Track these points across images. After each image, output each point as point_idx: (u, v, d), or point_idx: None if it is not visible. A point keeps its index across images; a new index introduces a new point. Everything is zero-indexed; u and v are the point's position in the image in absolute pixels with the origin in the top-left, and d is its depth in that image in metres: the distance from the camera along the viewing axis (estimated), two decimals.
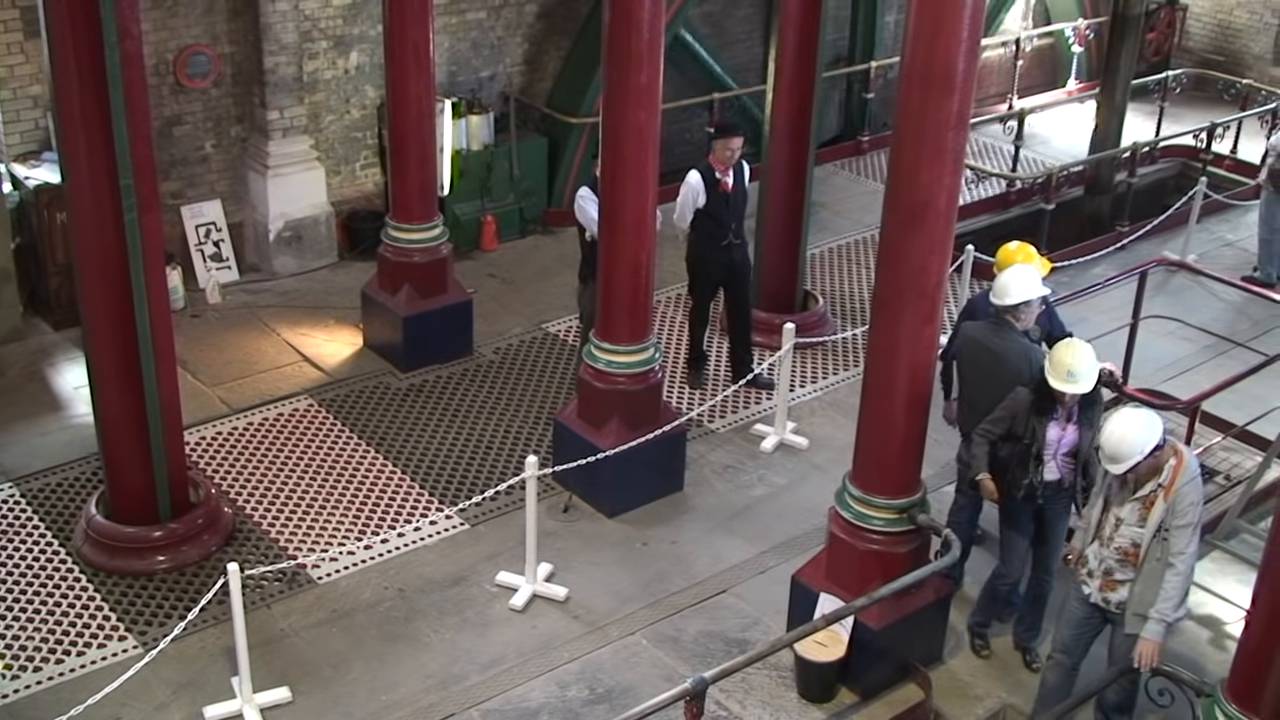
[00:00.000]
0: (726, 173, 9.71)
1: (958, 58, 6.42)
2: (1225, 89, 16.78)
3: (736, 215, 9.88)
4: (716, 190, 9.70)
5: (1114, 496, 6.71)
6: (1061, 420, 7.29)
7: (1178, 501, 6.48)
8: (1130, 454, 6.39)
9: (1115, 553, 6.69)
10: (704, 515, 9.02)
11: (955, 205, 6.89)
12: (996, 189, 14.25)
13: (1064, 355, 7.09)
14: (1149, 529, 6.53)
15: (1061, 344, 7.21)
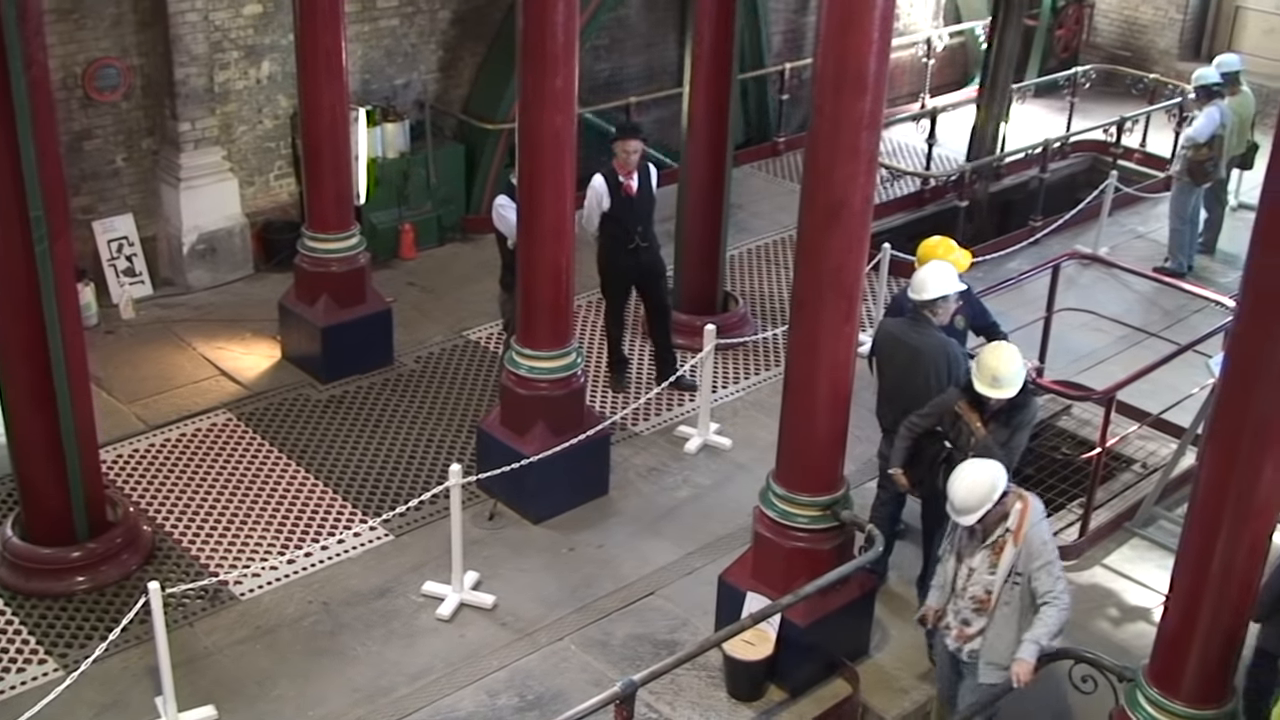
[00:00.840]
0: (630, 176, 9.65)
1: (869, 58, 6.48)
2: (1133, 84, 17.06)
3: (642, 218, 9.81)
4: (620, 194, 9.64)
5: (964, 549, 6.64)
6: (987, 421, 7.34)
7: (1029, 544, 6.46)
8: (980, 504, 6.34)
9: (970, 602, 6.63)
10: (630, 518, 9.02)
11: (871, 204, 6.96)
12: (911, 187, 14.39)
13: (990, 360, 7.15)
14: (1000, 575, 6.49)
15: (989, 348, 7.28)
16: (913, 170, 14.70)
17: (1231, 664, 6.23)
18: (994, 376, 7.13)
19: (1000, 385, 7.14)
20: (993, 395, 7.17)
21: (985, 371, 7.15)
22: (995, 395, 7.16)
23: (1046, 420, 10.30)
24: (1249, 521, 5.86)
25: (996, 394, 7.16)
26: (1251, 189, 13.08)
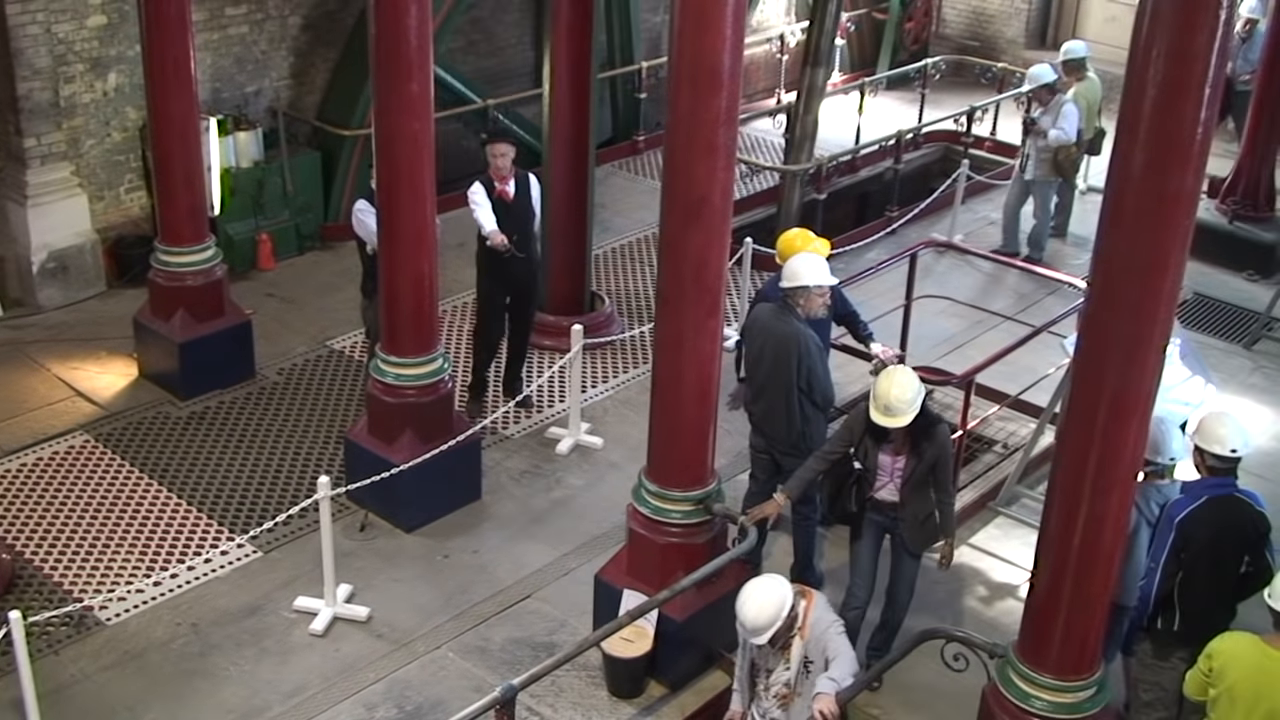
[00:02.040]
0: (505, 182, 9.51)
1: (723, 55, 6.54)
2: (982, 73, 17.45)
3: (519, 225, 9.62)
4: (495, 199, 9.52)
5: (758, 657, 6.46)
6: (895, 447, 7.25)
7: (814, 632, 6.30)
8: (770, 624, 6.14)
9: (775, 700, 6.49)
10: (504, 522, 8.99)
11: (730, 199, 7.04)
12: (770, 181, 14.51)
13: (883, 387, 7.01)
14: (794, 667, 6.38)
15: (884, 374, 7.11)
16: (771, 165, 14.84)
17: (1098, 635, 6.40)
18: (886, 405, 6.96)
19: (893, 413, 6.97)
20: (884, 423, 7.00)
21: (878, 399, 6.99)
22: (886, 423, 6.99)
23: None
24: (1108, 495, 6.02)
25: (888, 422, 6.99)
26: (1098, 173, 13.47)
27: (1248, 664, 5.89)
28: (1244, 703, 5.89)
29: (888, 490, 7.34)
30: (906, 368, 7.27)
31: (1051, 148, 12.64)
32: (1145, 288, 5.63)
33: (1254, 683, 5.87)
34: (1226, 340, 11.79)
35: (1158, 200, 5.49)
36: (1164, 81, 5.32)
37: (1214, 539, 6.57)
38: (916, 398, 6.99)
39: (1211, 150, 5.63)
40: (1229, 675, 5.92)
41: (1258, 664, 5.87)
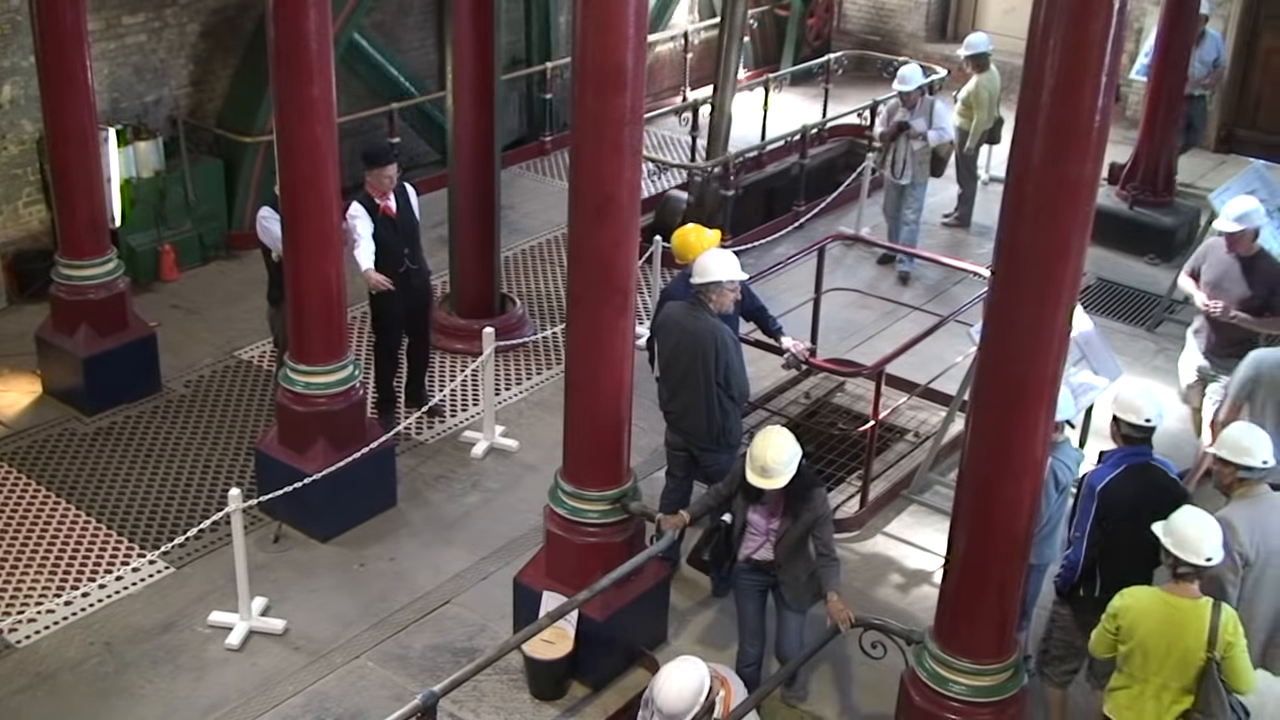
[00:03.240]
0: (386, 197, 9.31)
1: (626, 54, 6.54)
2: (884, 67, 17.58)
3: (409, 240, 9.47)
4: (379, 216, 9.29)
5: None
6: (769, 508, 7.03)
7: None
8: (688, 709, 5.90)
9: None
10: (420, 528, 8.92)
11: (638, 198, 7.05)
12: (678, 179, 14.56)
13: (759, 448, 6.75)
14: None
15: (760, 435, 6.86)
16: (678, 163, 14.89)
17: (1012, 618, 6.50)
18: (763, 466, 6.70)
19: (769, 475, 6.70)
20: (760, 485, 6.73)
21: (754, 460, 6.73)
22: (763, 485, 6.72)
23: (822, 398, 10.59)
24: (1017, 479, 6.12)
25: (764, 484, 6.72)
26: (1000, 163, 13.67)
27: (1155, 617, 6.05)
28: (1157, 654, 6.06)
29: (764, 550, 7.09)
30: (783, 429, 6.94)
31: (930, 149, 12.47)
32: (1047, 275, 5.72)
33: (1164, 633, 6.04)
34: (1130, 324, 12.02)
35: (1058, 188, 5.59)
36: (1061, 71, 5.41)
37: (1133, 506, 6.73)
38: (793, 459, 6.73)
39: (1110, 137, 5.74)
40: (1138, 630, 6.08)
41: (1164, 615, 6.05)
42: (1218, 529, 6.10)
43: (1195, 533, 6.02)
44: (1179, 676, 6.06)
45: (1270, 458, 6.71)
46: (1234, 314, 8.97)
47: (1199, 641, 5.99)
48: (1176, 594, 6.06)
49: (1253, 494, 6.69)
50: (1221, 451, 6.69)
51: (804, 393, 10.64)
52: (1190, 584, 6.05)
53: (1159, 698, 6.13)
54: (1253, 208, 9.03)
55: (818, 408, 10.54)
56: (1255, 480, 6.69)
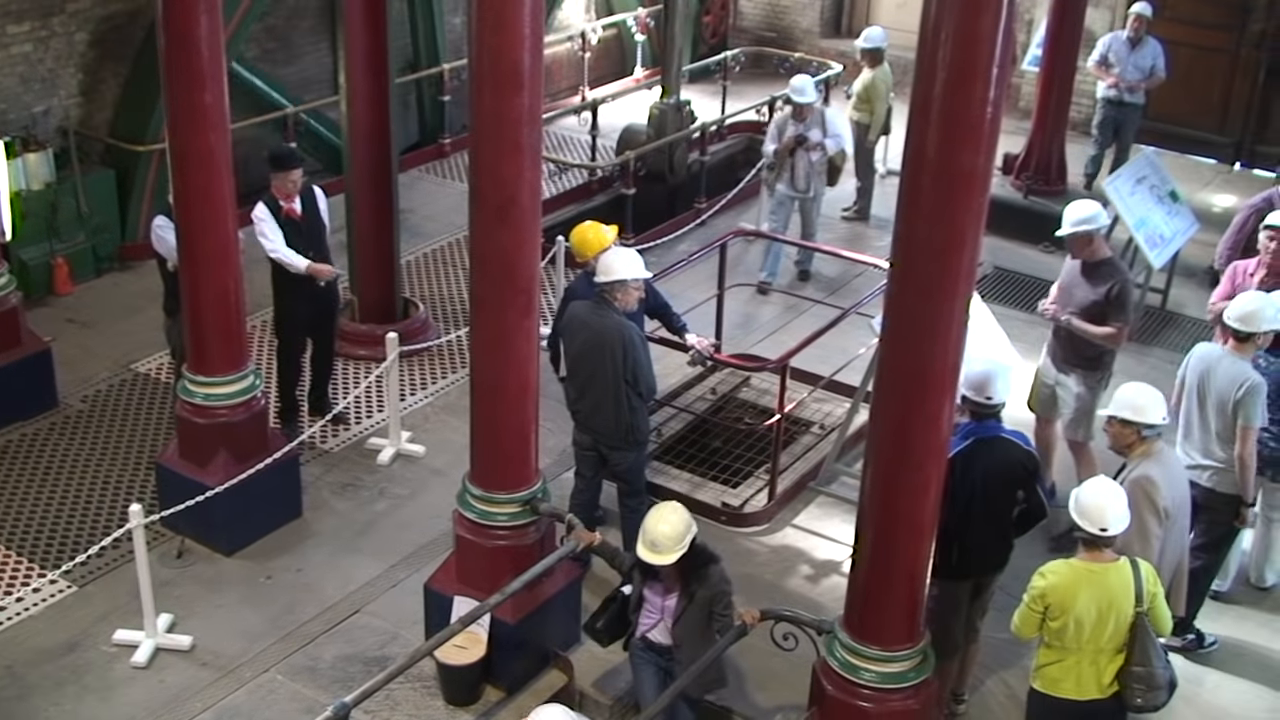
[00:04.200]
0: (291, 200, 9.21)
1: (523, 54, 6.52)
2: (780, 63, 17.75)
3: (313, 242, 9.36)
4: (283, 219, 9.20)
5: None
6: (665, 584, 6.72)
7: None
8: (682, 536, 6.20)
9: None
10: (327, 538, 8.83)
11: (539, 199, 7.02)
12: (580, 179, 14.57)
13: (651, 522, 6.49)
14: None
15: (653, 510, 6.59)
16: (579, 162, 14.90)
17: (920, 604, 6.59)
18: (653, 540, 6.43)
19: (659, 550, 6.42)
20: (650, 560, 6.44)
21: (646, 534, 6.45)
22: (652, 560, 6.43)
23: (728, 393, 10.65)
24: (921, 467, 6.20)
25: (656, 559, 6.42)
26: (897, 156, 13.84)
27: (1084, 588, 6.20)
28: (1090, 622, 6.22)
29: (660, 630, 6.81)
30: (677, 504, 6.63)
31: (828, 158, 12.40)
32: (944, 265, 5.81)
33: (1094, 601, 6.19)
34: (1027, 311, 12.20)
35: (952, 180, 5.67)
36: (953, 64, 5.49)
37: (984, 477, 6.97)
38: (685, 535, 6.45)
39: (1003, 128, 5.83)
40: (1070, 605, 6.21)
41: (1090, 583, 6.20)
42: (1122, 500, 6.28)
43: (1097, 502, 6.22)
44: (1114, 638, 6.27)
45: (1166, 413, 6.95)
46: (1065, 317, 8.69)
47: (1130, 601, 6.21)
48: (1095, 561, 6.24)
49: (1154, 451, 6.93)
50: (1124, 413, 6.88)
51: (710, 388, 10.68)
52: (1103, 550, 6.23)
53: (1095, 663, 6.33)
54: (1092, 211, 8.66)
55: (724, 403, 10.60)
56: (1155, 438, 6.92)
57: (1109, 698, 6.36)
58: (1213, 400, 7.78)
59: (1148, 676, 6.27)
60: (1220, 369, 7.77)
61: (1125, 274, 8.76)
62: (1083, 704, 6.38)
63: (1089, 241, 8.61)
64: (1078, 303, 8.66)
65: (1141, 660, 6.25)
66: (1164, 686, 6.33)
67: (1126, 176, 11.98)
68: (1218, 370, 7.78)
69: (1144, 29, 13.71)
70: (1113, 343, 8.65)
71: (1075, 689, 6.36)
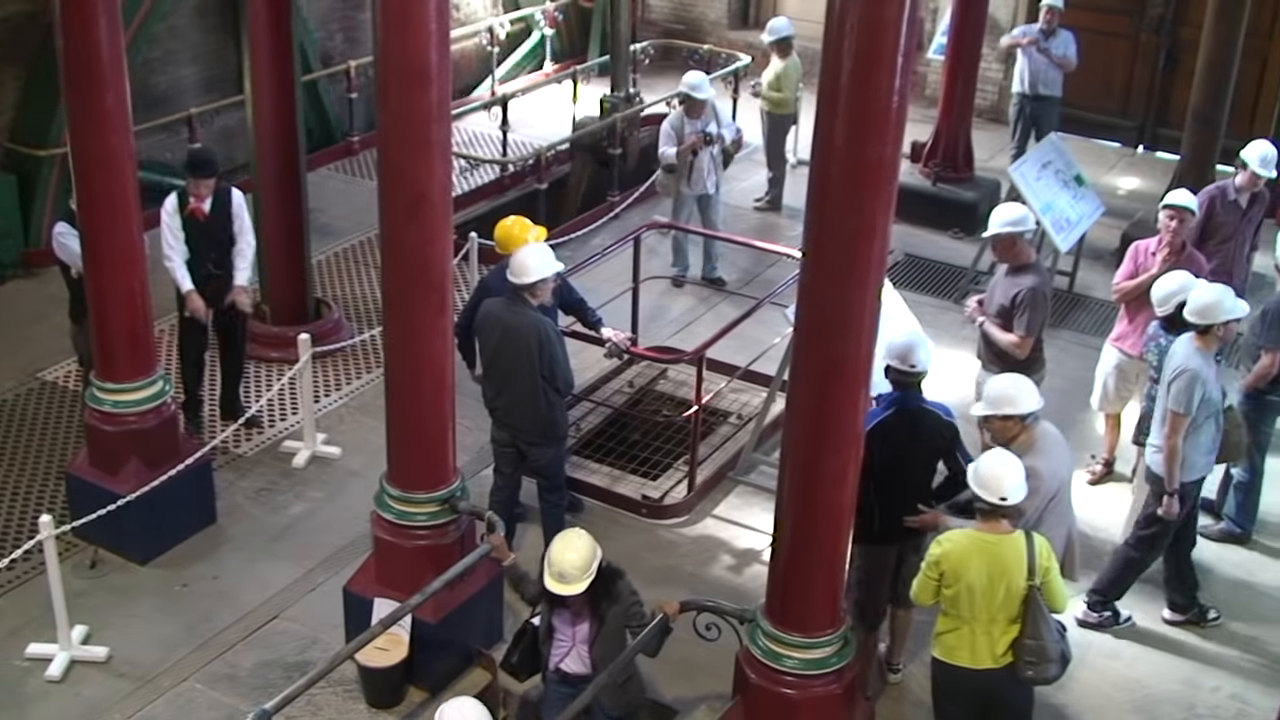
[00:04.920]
0: (203, 200, 9.08)
1: (429, 50, 6.47)
2: (689, 56, 17.77)
3: (217, 245, 9.21)
4: (188, 216, 9.06)
5: None
6: (573, 611, 6.54)
7: None
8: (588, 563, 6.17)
9: None
10: (243, 544, 8.71)
11: (450, 195, 6.99)
12: (491, 175, 14.49)
13: (556, 552, 6.33)
14: None
15: (557, 538, 6.47)
16: (489, 158, 14.82)
17: (839, 590, 6.64)
18: (560, 572, 6.26)
19: (567, 581, 6.26)
20: (557, 591, 6.28)
21: (552, 565, 6.29)
22: (560, 591, 6.28)
23: (645, 386, 10.66)
24: (838, 454, 6.25)
25: (565, 590, 6.26)
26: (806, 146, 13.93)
27: (977, 557, 6.32)
28: (982, 590, 6.33)
29: (573, 659, 6.61)
30: (583, 532, 6.48)
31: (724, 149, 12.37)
32: (855, 254, 5.85)
33: (986, 570, 6.31)
34: (938, 297, 12.36)
35: (861, 169, 5.71)
36: (859, 53, 5.52)
37: (905, 446, 7.15)
38: (592, 561, 6.31)
39: (911, 116, 5.88)
40: (964, 572, 6.32)
41: (986, 553, 6.32)
42: (1019, 470, 6.39)
43: (995, 472, 6.34)
44: (1006, 609, 6.37)
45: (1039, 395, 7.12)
46: (980, 320, 8.76)
47: (1021, 573, 6.31)
48: (990, 531, 6.35)
49: (1036, 436, 7.04)
50: (1004, 409, 6.99)
51: (627, 382, 10.69)
52: (999, 520, 6.35)
53: (989, 632, 6.43)
54: (1017, 214, 8.70)
55: (641, 396, 10.62)
56: (1035, 423, 7.06)
57: (1003, 668, 6.49)
58: (1161, 384, 7.94)
59: (1039, 649, 6.39)
60: (1173, 356, 7.88)
61: (1037, 284, 8.58)
62: (977, 672, 6.51)
63: (1012, 244, 8.65)
64: (995, 305, 8.73)
65: (1033, 633, 6.38)
66: (1055, 660, 6.46)
67: (1032, 162, 12.15)
68: (1172, 357, 7.89)
69: (1056, 21, 13.83)
70: (1015, 351, 8.58)
71: (970, 657, 6.49)
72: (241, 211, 9.37)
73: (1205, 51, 12.55)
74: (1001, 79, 17.03)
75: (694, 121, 12.09)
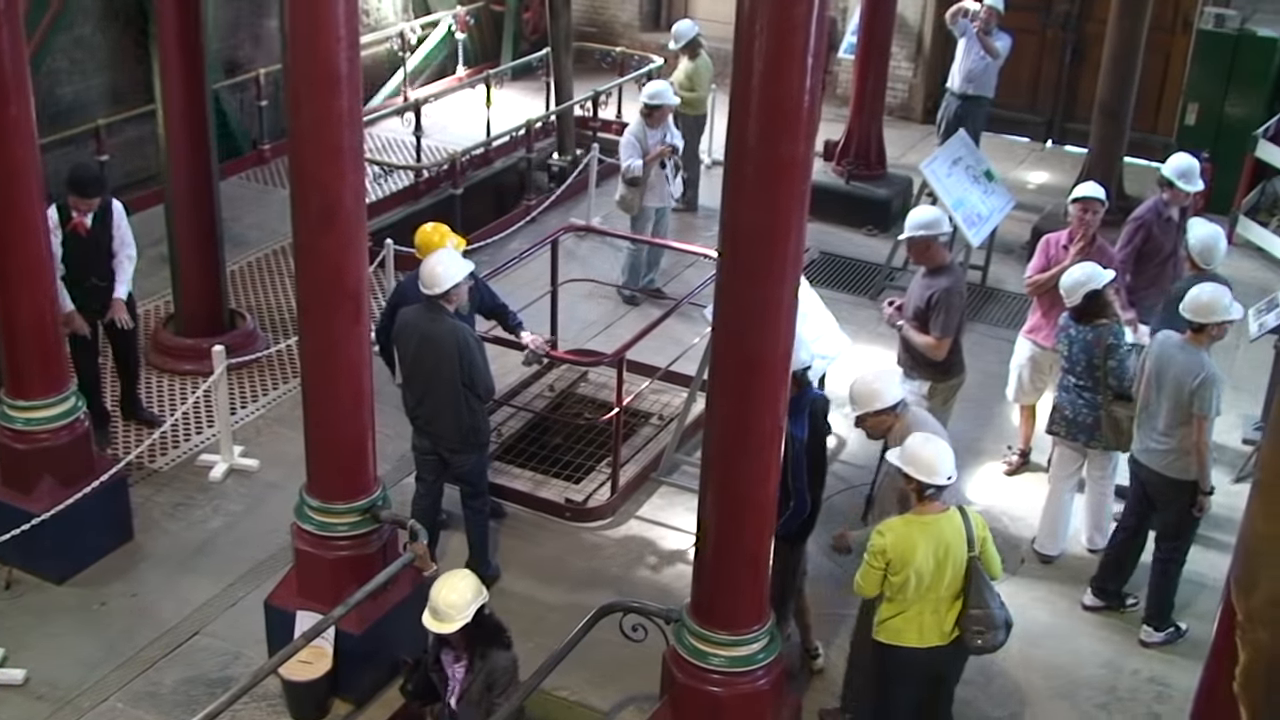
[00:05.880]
0: (84, 214, 8.95)
1: (339, 57, 6.41)
2: (602, 58, 17.81)
3: (100, 258, 9.09)
4: (69, 231, 8.93)
5: None
6: (456, 653, 6.42)
7: None
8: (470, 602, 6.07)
9: None
10: (162, 560, 8.59)
11: (363, 202, 6.93)
12: (406, 181, 14.40)
13: (436, 587, 6.19)
14: None
15: (444, 576, 6.28)
16: (404, 164, 14.74)
17: (764, 587, 6.67)
18: (434, 607, 6.13)
19: (440, 617, 6.10)
20: (434, 629, 6.13)
21: (431, 600, 6.17)
22: (437, 629, 6.12)
23: (566, 389, 10.65)
24: (758, 452, 6.27)
25: (438, 628, 6.11)
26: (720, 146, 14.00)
27: (921, 541, 6.41)
28: (930, 572, 6.43)
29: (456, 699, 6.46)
30: (469, 573, 6.34)
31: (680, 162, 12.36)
32: (771, 253, 5.88)
33: (932, 552, 6.41)
34: (854, 294, 12.47)
35: (775, 168, 5.74)
36: (769, 54, 5.55)
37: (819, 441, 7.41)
38: (470, 604, 6.12)
39: (823, 115, 5.92)
40: (910, 558, 6.41)
41: (925, 534, 6.43)
42: (949, 453, 6.51)
43: (931, 456, 6.44)
44: (951, 586, 6.50)
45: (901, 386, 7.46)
46: (900, 322, 8.79)
47: (962, 547, 6.45)
48: (927, 513, 6.47)
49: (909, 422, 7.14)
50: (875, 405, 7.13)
51: (548, 386, 10.68)
52: (934, 501, 6.47)
53: (936, 611, 6.55)
54: (930, 217, 8.76)
55: (563, 399, 10.60)
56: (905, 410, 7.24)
57: (950, 644, 6.62)
58: (1169, 388, 7.91)
59: (985, 618, 6.51)
60: (1179, 359, 7.90)
61: (951, 285, 8.63)
62: (924, 651, 6.62)
63: (926, 247, 8.70)
64: (912, 306, 8.78)
65: (978, 603, 6.50)
66: (1001, 626, 6.58)
67: (943, 159, 12.29)
68: (1176, 360, 7.91)
69: (994, 22, 13.87)
70: (932, 353, 8.65)
71: (918, 638, 6.59)
72: (122, 222, 9.26)
73: (1110, 46, 12.80)
74: (911, 77, 17.25)
75: (655, 132, 12.01)
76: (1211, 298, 7.90)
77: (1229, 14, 14.64)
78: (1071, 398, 8.56)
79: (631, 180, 11.98)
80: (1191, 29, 15.28)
